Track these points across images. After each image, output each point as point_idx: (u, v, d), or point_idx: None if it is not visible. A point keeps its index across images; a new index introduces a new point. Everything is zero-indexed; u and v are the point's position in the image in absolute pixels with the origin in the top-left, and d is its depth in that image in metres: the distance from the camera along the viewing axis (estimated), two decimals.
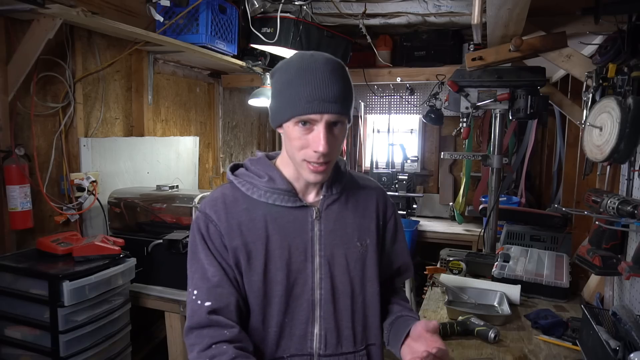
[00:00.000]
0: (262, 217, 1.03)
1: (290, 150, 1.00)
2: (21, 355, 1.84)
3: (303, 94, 0.94)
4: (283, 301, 1.02)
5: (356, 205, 1.12)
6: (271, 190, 1.04)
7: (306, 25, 2.99)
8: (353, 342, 1.07)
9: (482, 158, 2.41)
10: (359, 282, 1.08)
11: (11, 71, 1.89)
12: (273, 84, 1.03)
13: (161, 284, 2.19)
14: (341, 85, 0.96)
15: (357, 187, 1.15)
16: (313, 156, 0.96)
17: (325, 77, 0.94)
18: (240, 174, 1.08)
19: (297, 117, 0.95)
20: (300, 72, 0.95)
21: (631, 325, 1.26)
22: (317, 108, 0.93)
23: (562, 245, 2.55)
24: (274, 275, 1.02)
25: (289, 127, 0.98)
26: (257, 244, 1.02)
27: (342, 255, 1.06)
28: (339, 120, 0.97)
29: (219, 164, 3.65)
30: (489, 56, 2.04)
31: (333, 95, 0.94)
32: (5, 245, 1.95)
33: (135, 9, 2.46)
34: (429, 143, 4.53)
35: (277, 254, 1.02)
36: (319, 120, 0.95)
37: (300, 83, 0.94)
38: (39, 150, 2.09)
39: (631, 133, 1.35)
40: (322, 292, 1.04)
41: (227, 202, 1.04)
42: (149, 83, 2.74)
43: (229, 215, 1.02)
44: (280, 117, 0.99)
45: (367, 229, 1.11)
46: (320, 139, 0.94)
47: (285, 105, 0.97)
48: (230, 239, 1.01)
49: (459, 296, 1.82)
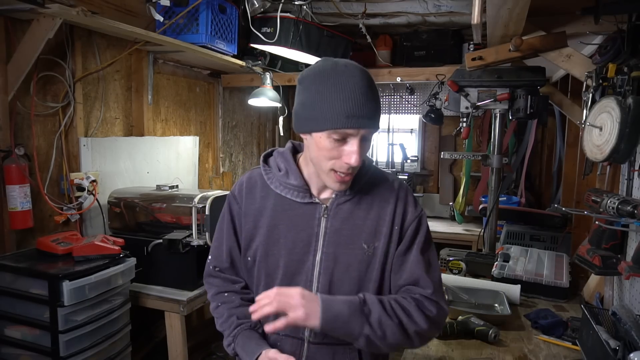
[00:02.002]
0: (273, 206, 1.11)
1: (317, 158, 1.02)
2: (21, 355, 1.84)
3: (342, 109, 0.95)
4: (284, 284, 1.06)
5: (370, 207, 1.10)
6: (284, 184, 1.11)
7: (306, 25, 2.99)
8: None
9: (482, 158, 2.41)
10: (358, 284, 1.08)
11: (11, 71, 1.89)
12: (303, 91, 1.02)
13: (161, 283, 2.18)
14: (376, 101, 1.00)
15: (377, 186, 1.12)
16: (343, 167, 1.00)
17: (363, 93, 0.97)
18: (270, 163, 1.16)
19: (334, 130, 0.96)
20: (338, 85, 0.96)
21: (631, 325, 1.26)
22: (356, 124, 0.96)
23: (562, 245, 2.55)
24: (277, 259, 1.10)
25: (321, 138, 0.99)
26: (265, 229, 1.11)
27: (344, 255, 1.07)
28: (371, 133, 1.01)
29: (219, 164, 3.65)
30: (489, 56, 2.04)
31: (370, 111, 0.97)
32: (5, 245, 1.95)
33: (135, 9, 2.46)
34: (429, 143, 4.53)
35: (282, 242, 1.09)
36: (355, 135, 0.97)
37: (339, 97, 0.95)
38: (39, 150, 2.09)
39: (631, 133, 1.35)
40: (319, 285, 1.07)
41: (250, 187, 1.16)
42: (148, 83, 2.74)
43: (248, 199, 1.14)
44: (312, 126, 1.00)
45: (378, 232, 1.08)
46: (354, 152, 0.98)
47: (320, 117, 0.97)
48: (246, 220, 1.14)
49: (459, 296, 1.82)
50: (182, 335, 2.12)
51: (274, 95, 3.23)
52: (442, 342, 1.51)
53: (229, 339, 1.12)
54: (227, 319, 1.14)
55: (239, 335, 1.12)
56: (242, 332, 1.12)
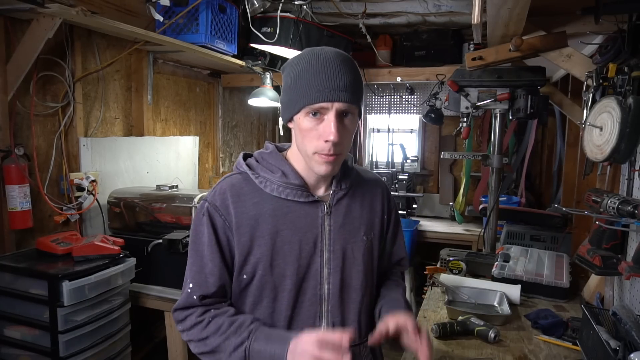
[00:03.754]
0: (272, 212, 1.02)
1: (302, 143, 1.01)
2: (20, 355, 1.83)
3: (314, 84, 0.94)
4: (292, 295, 1.03)
5: (363, 199, 1.14)
6: (284, 185, 1.04)
7: (306, 24, 2.99)
8: (358, 334, 1.08)
9: (482, 158, 2.40)
10: (365, 276, 1.10)
11: (11, 71, 1.89)
12: (284, 79, 1.03)
13: (161, 283, 2.18)
14: (351, 76, 0.97)
15: (363, 181, 1.17)
16: (324, 147, 0.96)
17: (335, 67, 0.96)
18: (254, 166, 1.08)
19: (308, 106, 0.95)
20: (310, 63, 0.96)
21: (631, 325, 1.26)
22: (328, 96, 0.94)
23: (562, 245, 2.55)
24: (283, 269, 1.02)
25: (300, 119, 0.98)
26: (267, 238, 1.01)
27: (350, 249, 1.08)
28: (349, 110, 0.97)
29: (219, 164, 3.65)
30: (489, 56, 2.03)
31: (343, 84, 0.95)
32: (5, 245, 1.95)
33: (135, 9, 2.45)
34: (429, 143, 4.53)
35: (287, 248, 1.02)
36: (330, 108, 0.95)
37: (311, 73, 0.95)
38: (39, 150, 2.09)
39: (631, 133, 1.35)
40: (330, 286, 1.05)
41: (237, 195, 1.02)
42: (148, 83, 2.74)
43: (237, 208, 1.01)
44: (291, 109, 1.00)
45: (373, 223, 1.14)
46: (330, 127, 0.95)
47: (296, 97, 0.97)
48: (239, 233, 1.01)
49: (459, 296, 1.82)
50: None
51: (274, 95, 3.23)
52: (442, 342, 1.51)
53: (242, 337, 0.94)
54: (231, 324, 0.97)
55: (257, 330, 0.96)
56: (261, 326, 0.97)
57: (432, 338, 1.54)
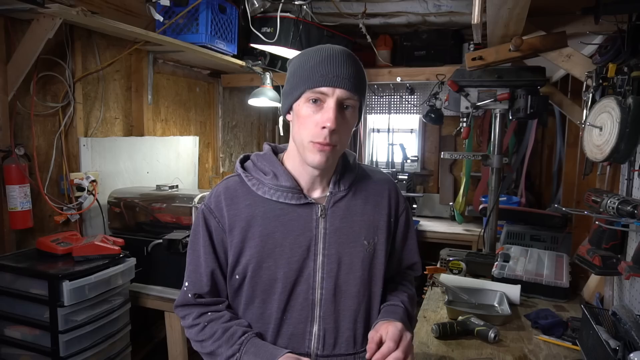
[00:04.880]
0: (263, 214, 1.01)
1: (298, 132, 0.99)
2: (21, 355, 1.84)
3: (318, 69, 0.94)
4: (283, 299, 1.01)
5: (366, 200, 1.08)
6: (275, 187, 1.02)
7: (306, 24, 2.99)
8: (353, 343, 1.05)
9: (482, 158, 2.40)
10: (363, 283, 1.05)
11: (11, 71, 1.89)
12: (289, 70, 1.03)
13: (161, 283, 2.18)
14: (355, 69, 0.97)
15: (368, 180, 1.12)
16: (321, 134, 0.94)
17: (341, 58, 0.96)
18: (249, 168, 1.08)
19: (310, 90, 0.94)
20: (317, 53, 0.97)
21: (631, 325, 1.26)
22: (330, 81, 0.93)
23: (562, 245, 2.55)
24: (274, 272, 1.01)
25: (300, 106, 0.97)
26: (257, 240, 1.01)
27: (347, 255, 1.04)
28: (350, 101, 0.96)
29: (219, 164, 3.65)
30: (489, 56, 2.03)
31: (347, 73, 0.95)
32: (5, 245, 1.95)
33: (135, 9, 2.46)
34: (429, 143, 4.53)
35: (278, 251, 1.01)
36: (331, 95, 0.94)
37: (316, 60, 0.96)
38: (39, 150, 2.09)
39: (631, 133, 1.35)
40: (323, 291, 1.02)
41: (231, 198, 1.03)
42: (148, 83, 2.74)
43: (230, 211, 1.02)
44: (292, 96, 0.99)
45: (377, 226, 1.08)
46: (329, 114, 0.93)
47: (299, 82, 0.97)
48: (232, 235, 1.02)
49: (459, 296, 1.82)
50: (182, 335, 2.12)
51: (274, 95, 3.23)
52: (442, 342, 1.51)
53: (233, 349, 0.97)
54: (224, 333, 0.99)
55: (247, 342, 0.98)
56: (252, 338, 0.99)
57: (432, 340, 1.54)
